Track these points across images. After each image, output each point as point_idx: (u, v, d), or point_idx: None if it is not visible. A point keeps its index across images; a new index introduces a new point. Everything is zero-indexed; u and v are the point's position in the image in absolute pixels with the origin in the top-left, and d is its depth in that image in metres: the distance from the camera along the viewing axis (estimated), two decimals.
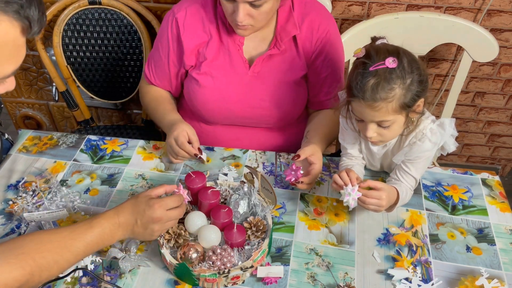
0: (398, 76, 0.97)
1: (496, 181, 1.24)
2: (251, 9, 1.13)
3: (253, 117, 1.35)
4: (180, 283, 1.00)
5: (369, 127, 1.04)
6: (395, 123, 1.03)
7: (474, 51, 1.47)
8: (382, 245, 1.08)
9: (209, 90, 1.31)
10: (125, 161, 1.30)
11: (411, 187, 1.13)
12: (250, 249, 1.01)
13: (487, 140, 2.14)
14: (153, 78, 1.41)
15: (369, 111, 1.00)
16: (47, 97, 2.22)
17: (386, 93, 0.97)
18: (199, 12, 1.28)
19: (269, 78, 1.30)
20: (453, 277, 1.02)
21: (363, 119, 1.04)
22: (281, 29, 1.26)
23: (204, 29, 1.28)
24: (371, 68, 0.98)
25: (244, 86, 1.30)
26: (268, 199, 1.09)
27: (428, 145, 1.07)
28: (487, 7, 1.66)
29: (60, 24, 1.66)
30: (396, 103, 0.98)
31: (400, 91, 0.97)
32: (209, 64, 1.29)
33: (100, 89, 1.82)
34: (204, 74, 1.30)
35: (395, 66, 0.97)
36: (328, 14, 1.32)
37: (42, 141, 1.35)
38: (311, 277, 1.01)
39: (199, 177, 1.10)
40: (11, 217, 1.13)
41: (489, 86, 1.93)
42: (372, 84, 0.97)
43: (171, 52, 1.33)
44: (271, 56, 1.28)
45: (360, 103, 1.00)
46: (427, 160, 1.12)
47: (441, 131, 1.07)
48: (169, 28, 1.30)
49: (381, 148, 1.16)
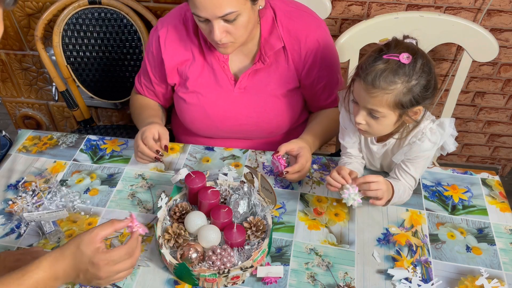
0: (406, 73, 0.96)
1: (496, 181, 1.24)
2: (226, 25, 1.10)
3: (241, 131, 1.34)
4: (180, 283, 1.00)
5: (360, 112, 1.04)
6: (385, 118, 1.02)
7: (474, 51, 1.47)
8: (382, 245, 1.08)
9: (196, 108, 1.30)
10: (125, 161, 1.30)
11: (410, 186, 1.13)
12: (250, 249, 1.01)
13: (487, 140, 2.14)
14: (142, 91, 1.42)
15: (365, 95, 1.00)
16: (47, 97, 2.22)
17: (387, 84, 0.96)
18: (180, 30, 1.25)
19: (256, 93, 1.28)
20: (453, 277, 1.02)
21: (358, 102, 1.04)
22: (265, 42, 1.23)
23: (185, 47, 1.26)
24: (385, 56, 0.98)
25: (230, 103, 1.29)
26: (268, 199, 1.09)
27: (428, 144, 1.07)
28: (487, 7, 1.66)
29: (60, 24, 1.66)
30: (392, 98, 0.98)
31: (401, 88, 0.97)
32: (194, 82, 1.28)
33: (100, 88, 1.82)
34: (190, 93, 1.29)
35: (407, 63, 0.96)
36: (315, 19, 1.26)
37: (42, 141, 1.35)
38: (311, 277, 1.01)
39: (199, 177, 1.10)
40: (11, 217, 1.13)
41: (489, 86, 1.93)
42: (378, 69, 0.97)
43: (156, 70, 1.33)
44: (257, 71, 1.26)
45: (360, 84, 1.00)
46: (426, 160, 1.11)
47: (440, 131, 1.06)
48: (153, 46, 1.29)
49: (380, 147, 1.16)
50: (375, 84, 0.97)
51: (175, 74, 1.31)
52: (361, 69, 1.00)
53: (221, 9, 1.06)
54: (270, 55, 1.24)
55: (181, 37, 1.26)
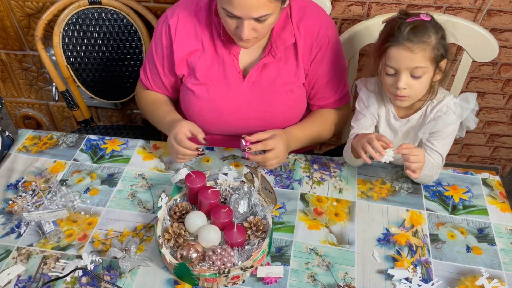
0: (433, 26, 1.07)
1: (497, 181, 1.24)
2: (256, 24, 1.11)
3: (249, 127, 1.32)
4: (180, 283, 1.00)
5: (402, 76, 1.08)
6: (426, 75, 1.08)
7: (474, 51, 1.47)
8: (382, 245, 1.08)
9: (204, 101, 1.29)
10: (125, 160, 1.29)
11: (438, 164, 1.16)
12: (250, 249, 1.01)
13: (487, 140, 2.14)
14: (149, 84, 1.39)
15: (408, 54, 1.05)
16: (47, 97, 2.22)
17: (426, 37, 1.05)
18: (191, 19, 1.24)
19: (265, 88, 1.27)
20: (453, 277, 1.02)
21: (398, 67, 1.08)
22: (277, 36, 1.23)
23: (196, 37, 1.24)
24: (408, 20, 1.07)
25: (239, 97, 1.28)
26: (268, 199, 1.09)
27: (453, 117, 1.13)
28: (487, 7, 1.66)
29: (60, 24, 1.66)
30: (432, 52, 1.06)
31: (435, 40, 1.06)
32: (203, 74, 1.27)
33: (100, 89, 1.82)
34: (199, 85, 1.28)
35: (429, 19, 1.08)
36: (326, 18, 1.28)
37: (42, 141, 1.35)
38: (311, 277, 1.01)
39: (199, 177, 1.10)
40: (11, 217, 1.13)
41: (489, 86, 1.93)
42: (412, 28, 1.05)
43: (165, 61, 1.30)
44: (266, 65, 1.25)
45: (399, 48, 1.06)
46: (451, 136, 1.16)
47: (464, 104, 1.13)
48: (163, 35, 1.27)
49: (404, 124, 1.19)
50: (415, 41, 1.04)
51: (184, 65, 1.29)
52: (393, 36, 1.06)
53: (257, 11, 1.07)
54: (281, 49, 1.24)
55: (192, 27, 1.24)
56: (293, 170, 1.27)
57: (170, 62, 1.30)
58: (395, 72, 1.09)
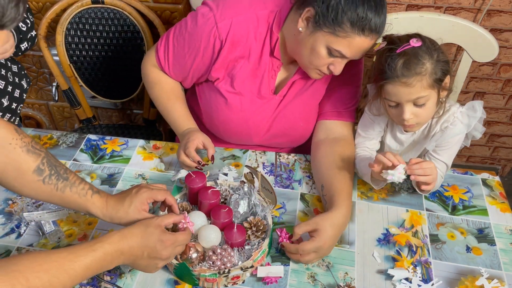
0: (425, 52, 1.01)
1: (497, 182, 1.24)
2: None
3: (266, 141, 1.32)
4: (180, 283, 1.00)
5: (406, 108, 1.05)
6: (429, 101, 1.05)
7: (474, 51, 1.47)
8: (382, 245, 1.08)
9: (235, 112, 1.25)
10: (125, 161, 1.30)
11: (442, 174, 1.14)
12: (250, 249, 1.01)
13: (487, 140, 2.14)
14: (167, 68, 1.28)
15: (404, 89, 1.02)
16: (47, 97, 2.23)
17: (418, 68, 1.00)
18: (246, 26, 1.17)
19: (294, 105, 1.26)
20: (453, 277, 1.02)
21: (399, 101, 1.05)
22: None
23: (246, 44, 1.19)
24: (398, 50, 1.02)
25: (267, 112, 1.26)
26: (268, 199, 1.09)
27: (460, 127, 1.10)
28: (487, 7, 1.66)
29: (63, 23, 1.66)
30: (429, 78, 1.01)
31: (431, 66, 1.01)
32: (240, 83, 1.22)
33: (102, 88, 1.83)
34: (234, 93, 1.23)
35: (420, 44, 1.02)
36: None
37: (42, 141, 1.35)
38: (311, 277, 1.01)
39: (199, 177, 1.10)
40: (11, 217, 1.13)
41: (489, 86, 1.93)
42: (403, 62, 1.01)
43: (199, 58, 1.22)
44: (295, 81, 1.24)
45: (394, 84, 1.03)
46: (457, 145, 1.14)
47: (471, 113, 1.10)
48: (210, 36, 1.18)
49: (409, 136, 1.18)
50: (409, 74, 1.01)
51: (223, 69, 1.23)
52: (384, 73, 1.02)
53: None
54: None
55: (245, 34, 1.18)
56: (293, 170, 1.27)
57: (207, 63, 1.23)
58: (397, 104, 1.07)
